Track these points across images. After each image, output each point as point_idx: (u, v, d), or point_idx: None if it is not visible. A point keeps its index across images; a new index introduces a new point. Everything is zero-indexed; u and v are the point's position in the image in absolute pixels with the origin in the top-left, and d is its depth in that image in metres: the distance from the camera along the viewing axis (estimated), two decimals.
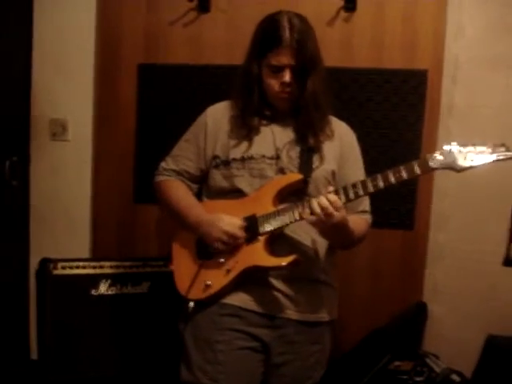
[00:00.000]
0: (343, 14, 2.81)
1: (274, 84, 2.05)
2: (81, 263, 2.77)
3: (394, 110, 2.79)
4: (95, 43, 3.09)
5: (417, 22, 2.75)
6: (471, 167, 1.80)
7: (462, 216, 2.76)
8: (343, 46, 2.81)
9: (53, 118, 3.16)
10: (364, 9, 2.79)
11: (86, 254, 3.17)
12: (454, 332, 2.77)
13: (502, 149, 1.77)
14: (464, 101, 2.71)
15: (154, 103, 3.09)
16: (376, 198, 2.08)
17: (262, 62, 2.06)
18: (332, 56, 2.64)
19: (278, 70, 2.02)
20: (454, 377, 2.49)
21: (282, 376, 2.12)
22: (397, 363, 2.55)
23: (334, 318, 2.20)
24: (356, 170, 2.19)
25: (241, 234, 2.02)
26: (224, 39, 2.97)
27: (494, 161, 1.78)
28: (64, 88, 3.14)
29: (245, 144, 2.10)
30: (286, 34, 1.99)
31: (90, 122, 3.15)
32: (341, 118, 2.23)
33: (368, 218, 2.21)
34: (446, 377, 2.49)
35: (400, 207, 2.78)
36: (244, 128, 2.12)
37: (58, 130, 3.15)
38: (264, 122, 2.13)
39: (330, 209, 1.84)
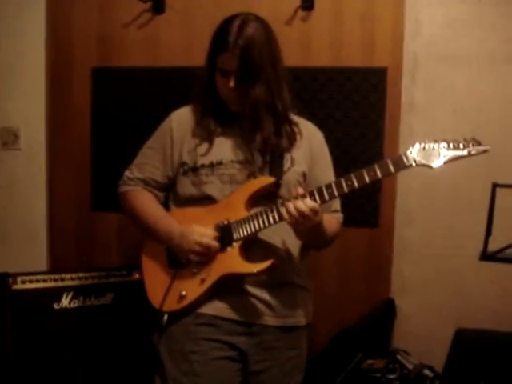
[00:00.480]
0: (301, 12, 2.78)
1: (222, 88, 2.02)
2: (41, 276, 2.63)
3: (355, 108, 2.77)
4: (45, 47, 3.01)
5: (375, 19, 2.73)
6: (445, 163, 1.81)
7: (427, 212, 2.77)
8: (302, 45, 2.78)
9: (3, 126, 3.06)
10: (322, 7, 2.77)
11: (44, 266, 3.07)
12: (422, 327, 2.79)
13: (473, 143, 1.79)
14: (424, 98, 2.73)
15: (109, 108, 3.02)
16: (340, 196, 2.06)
17: (215, 68, 2.01)
18: (291, 55, 2.56)
19: (225, 75, 1.98)
20: (427, 372, 2.49)
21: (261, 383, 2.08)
22: (369, 362, 2.54)
23: (309, 321, 2.17)
24: (326, 171, 2.18)
25: (215, 244, 1.97)
26: (180, 40, 2.92)
27: (466, 155, 1.79)
28: (14, 95, 3.06)
29: (212, 149, 2.05)
30: (232, 39, 1.93)
31: (42, 130, 3.07)
32: (302, 117, 2.19)
33: (340, 217, 2.20)
34: (419, 372, 2.49)
35: (365, 205, 2.77)
36: (208, 133, 2.07)
37: (10, 138, 3.05)
38: (229, 126, 2.08)
39: (307, 212, 1.82)
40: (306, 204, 1.83)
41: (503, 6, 2.65)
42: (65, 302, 2.66)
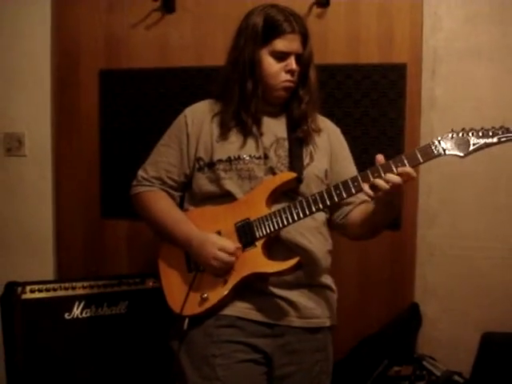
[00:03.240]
0: (316, 9, 2.71)
1: (278, 72, 1.95)
2: (51, 285, 2.52)
3: (374, 106, 2.69)
4: (51, 49, 2.93)
5: (392, 14, 2.66)
6: (475, 151, 1.73)
7: (449, 212, 2.68)
8: (318, 42, 2.59)
9: (7, 132, 2.97)
10: (337, 4, 2.70)
11: (51, 276, 2.97)
12: (447, 332, 2.68)
13: (504, 130, 1.71)
14: (445, 94, 2.64)
15: (118, 111, 2.93)
16: None
17: (262, 51, 1.95)
18: None
19: (283, 58, 1.94)
20: (456, 378, 2.41)
21: None
22: (396, 369, 2.45)
23: (334, 323, 2.08)
24: (348, 166, 2.12)
25: (233, 260, 1.87)
26: (191, 40, 2.86)
27: (496, 143, 1.72)
28: (18, 99, 2.97)
29: (230, 144, 1.98)
30: (293, 22, 1.93)
31: (48, 135, 2.98)
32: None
33: None
34: (448, 379, 2.40)
35: None
36: (229, 127, 1.99)
37: (14, 144, 2.97)
38: (250, 120, 1.99)
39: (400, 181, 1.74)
40: (405, 170, 1.74)
41: None
42: (76, 311, 2.55)
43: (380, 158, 1.77)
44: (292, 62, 1.94)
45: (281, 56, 1.94)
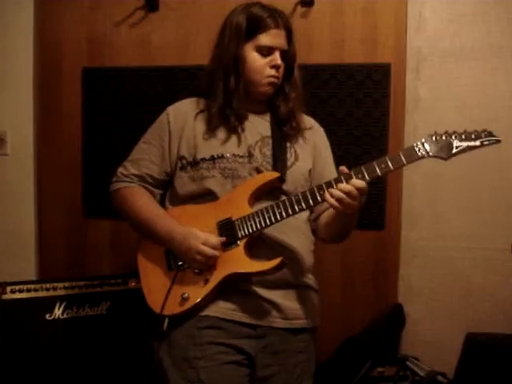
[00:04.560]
0: (300, 9, 2.71)
1: (263, 67, 1.94)
2: (32, 285, 2.49)
3: (358, 106, 2.70)
4: (34, 47, 2.92)
5: (377, 14, 2.67)
6: (458, 154, 1.74)
7: (433, 213, 2.69)
8: (302, 42, 2.60)
9: None
10: (322, 3, 2.70)
11: (33, 276, 2.94)
12: (431, 332, 2.69)
13: (486, 134, 1.72)
14: (429, 94, 2.66)
15: (100, 110, 2.92)
16: None
17: (246, 46, 1.93)
18: None
19: (267, 53, 1.93)
20: (440, 378, 2.40)
21: None
22: (379, 369, 2.43)
23: (317, 324, 2.06)
24: (330, 167, 2.11)
25: (217, 254, 1.86)
26: (174, 39, 2.85)
27: (479, 146, 1.72)
28: (1, 98, 2.95)
29: (214, 142, 1.95)
30: (278, 18, 1.93)
31: (30, 133, 2.96)
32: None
33: None
34: (432, 379, 2.39)
35: (370, 207, 2.66)
36: (215, 125, 1.96)
37: None
38: (233, 117, 1.97)
39: (355, 193, 1.72)
40: (354, 184, 1.72)
41: None
42: (57, 312, 2.52)
43: (344, 168, 1.79)
44: (277, 58, 1.93)
45: (265, 51, 1.93)
